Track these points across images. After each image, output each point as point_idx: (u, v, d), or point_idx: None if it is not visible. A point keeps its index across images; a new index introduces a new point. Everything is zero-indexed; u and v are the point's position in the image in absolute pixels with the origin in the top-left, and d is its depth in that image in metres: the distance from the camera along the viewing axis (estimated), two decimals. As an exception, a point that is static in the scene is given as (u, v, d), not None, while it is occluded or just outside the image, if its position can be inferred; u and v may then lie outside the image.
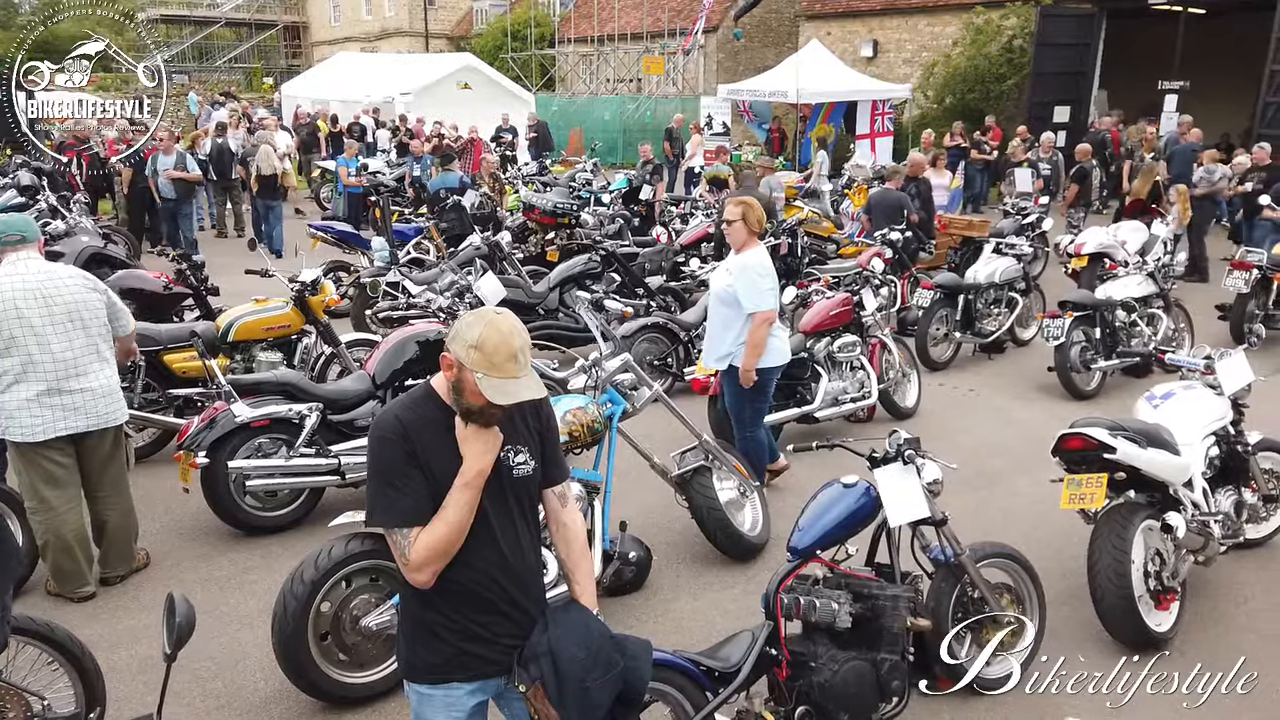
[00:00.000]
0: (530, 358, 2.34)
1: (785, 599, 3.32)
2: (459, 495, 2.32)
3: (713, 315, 5.49)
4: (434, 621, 2.43)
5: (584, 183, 13.87)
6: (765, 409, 5.67)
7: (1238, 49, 17.63)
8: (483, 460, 2.34)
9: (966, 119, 18.26)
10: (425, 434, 2.35)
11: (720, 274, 5.44)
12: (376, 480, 2.36)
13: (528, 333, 2.39)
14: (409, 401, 2.45)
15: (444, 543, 2.31)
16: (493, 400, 2.27)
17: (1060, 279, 10.66)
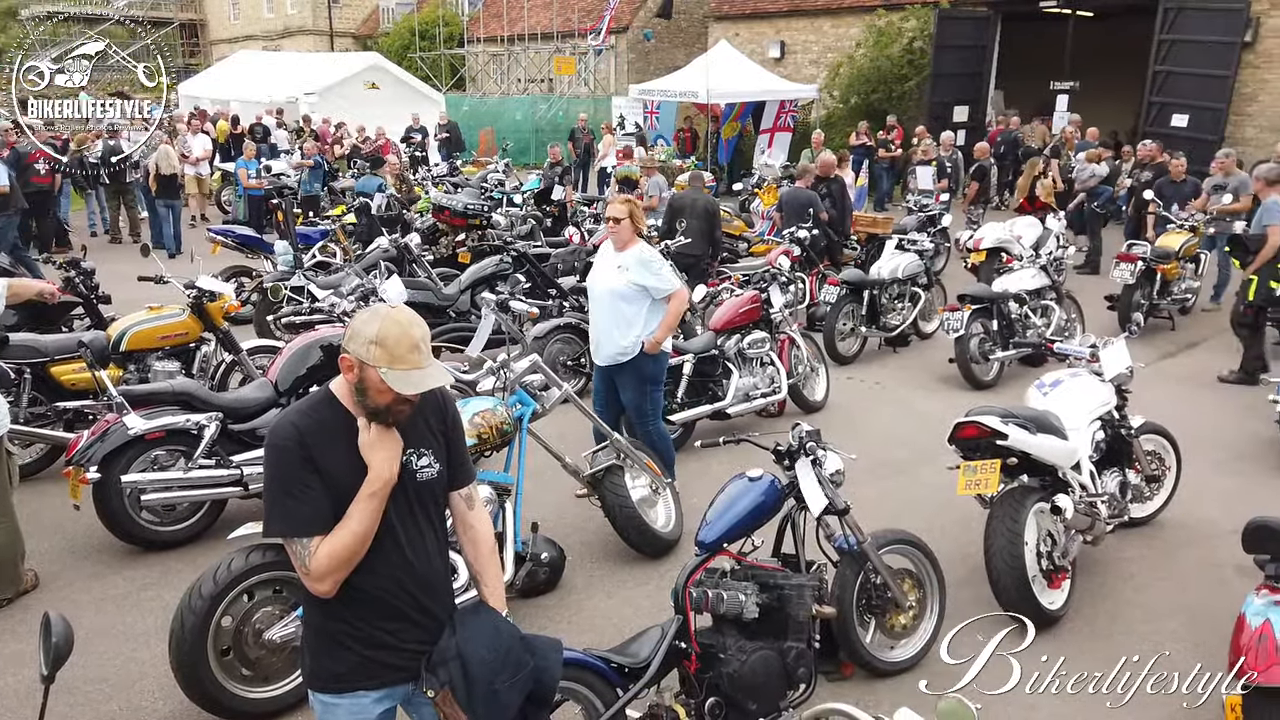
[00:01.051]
0: (430, 348, 2.32)
1: (694, 593, 3.36)
2: (365, 505, 2.28)
3: (606, 315, 5.39)
4: (337, 630, 2.39)
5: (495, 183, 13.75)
6: (662, 399, 5.76)
7: (1124, 51, 18.49)
8: (389, 468, 2.31)
9: (871, 119, 18.72)
10: (323, 440, 2.31)
11: (609, 274, 5.38)
12: (273, 489, 2.31)
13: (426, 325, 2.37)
14: (306, 407, 2.40)
15: (347, 552, 2.27)
16: (401, 392, 2.24)
17: (961, 273, 11.02)
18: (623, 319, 5.30)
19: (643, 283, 5.26)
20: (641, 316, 5.31)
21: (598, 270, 5.54)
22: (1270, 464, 6.32)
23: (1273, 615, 3.05)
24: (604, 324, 5.41)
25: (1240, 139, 15.86)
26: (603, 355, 5.45)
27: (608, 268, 5.42)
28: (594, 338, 5.57)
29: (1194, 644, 4.17)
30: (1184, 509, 5.48)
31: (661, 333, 5.38)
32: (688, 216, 9.39)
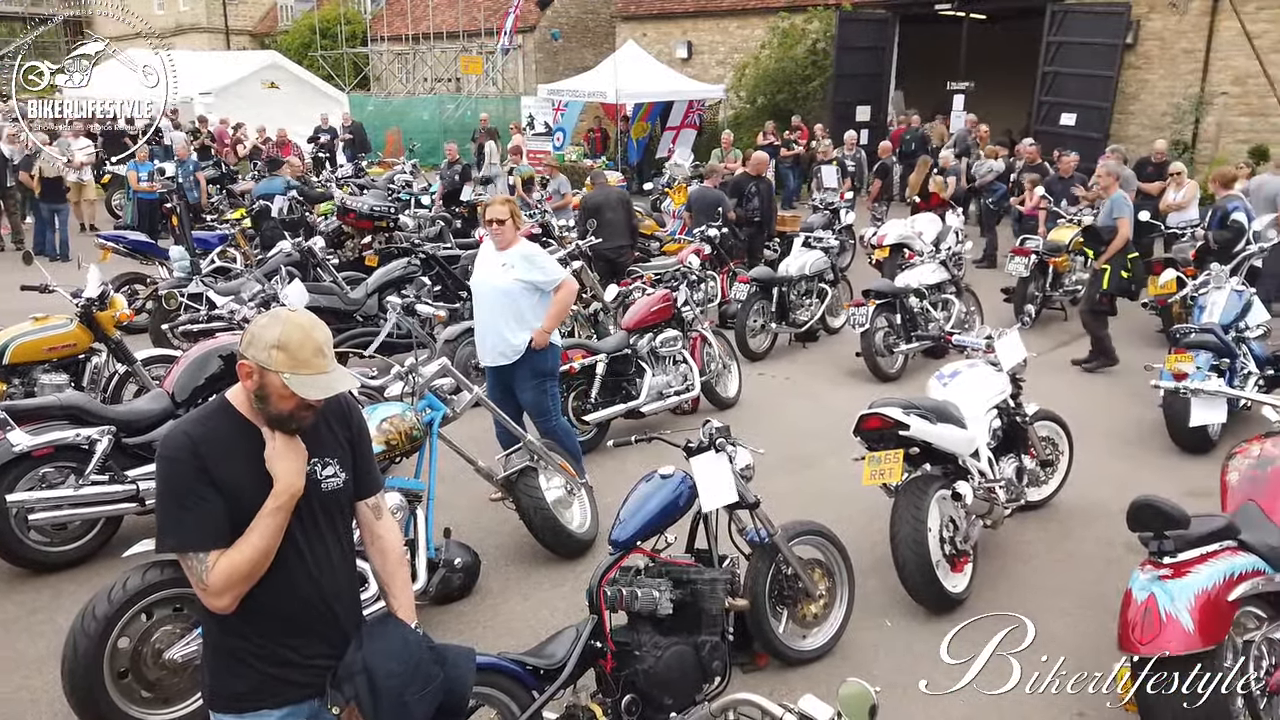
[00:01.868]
0: (334, 352, 2.28)
1: (608, 591, 3.37)
2: (268, 519, 2.21)
3: (496, 314, 5.33)
4: (237, 647, 2.32)
5: (403, 184, 13.54)
6: (559, 394, 5.78)
7: (1016, 52, 19.20)
8: (295, 480, 2.25)
9: (777, 119, 19.03)
10: (219, 450, 2.23)
11: (494, 273, 5.32)
12: (166, 502, 2.23)
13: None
14: (200, 416, 2.33)
15: (247, 567, 2.20)
16: (307, 397, 2.19)
17: (866, 269, 11.29)
18: (514, 317, 5.26)
19: (530, 278, 5.25)
20: (533, 312, 5.31)
21: (481, 271, 5.47)
22: (1155, 446, 6.66)
23: (1156, 589, 3.21)
24: (494, 323, 5.34)
25: (1124, 136, 16.64)
26: (493, 355, 5.39)
27: (492, 267, 5.37)
28: (481, 339, 5.51)
29: (1088, 621, 4.37)
30: (1077, 491, 5.72)
31: (550, 323, 5.39)
32: (605, 211, 9.53)
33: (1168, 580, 3.21)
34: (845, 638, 4.28)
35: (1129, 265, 8.23)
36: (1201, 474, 5.87)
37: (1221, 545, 3.32)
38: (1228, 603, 3.18)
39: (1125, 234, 8.15)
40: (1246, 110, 16.09)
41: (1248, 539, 3.37)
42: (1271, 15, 15.62)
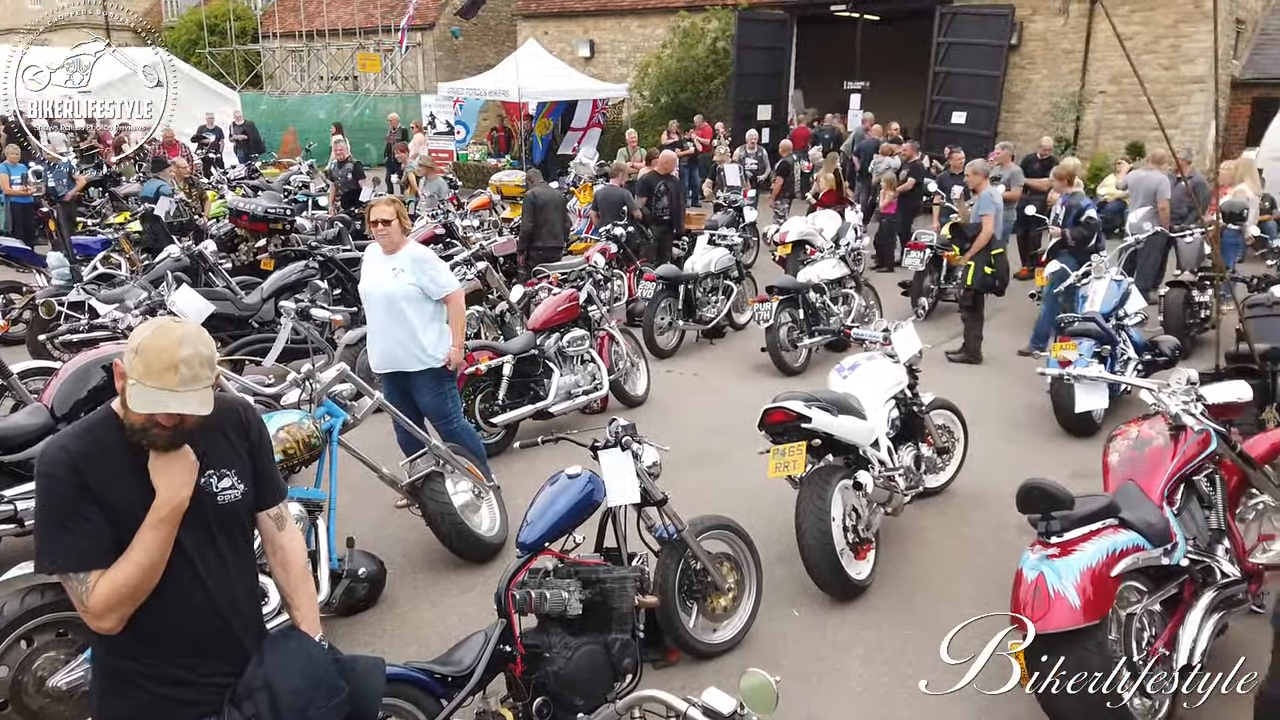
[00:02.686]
0: (207, 375, 2.15)
1: (517, 595, 3.34)
2: (150, 534, 2.12)
3: (391, 321, 5.15)
4: (126, 668, 2.22)
5: (299, 185, 13.17)
6: (459, 396, 5.67)
7: (909, 52, 19.79)
8: (178, 493, 2.16)
9: (681, 118, 19.17)
10: (100, 464, 2.13)
11: (384, 278, 5.15)
12: (43, 520, 2.12)
13: (211, 348, 2.21)
14: (80, 429, 2.21)
15: (130, 586, 2.10)
16: (131, 406, 2.09)
17: (770, 266, 11.48)
18: (410, 322, 5.12)
19: (421, 283, 5.12)
20: (429, 315, 5.19)
21: (371, 276, 5.28)
22: (1044, 431, 6.95)
23: (1045, 568, 3.35)
24: (389, 330, 5.16)
25: (1011, 134, 17.33)
26: (389, 363, 5.23)
27: (381, 271, 5.19)
28: (373, 346, 5.33)
29: (985, 601, 4.52)
30: (972, 476, 5.94)
31: (457, 339, 5.29)
32: (550, 211, 9.64)
33: (1055, 559, 3.35)
34: (755, 628, 4.34)
35: (993, 261, 8.56)
36: (1087, 456, 6.15)
37: (1104, 524, 3.48)
38: (1110, 578, 3.34)
39: (989, 231, 8.49)
40: (1123, 108, 16.96)
41: (1128, 517, 3.55)
42: (1143, 18, 16.50)
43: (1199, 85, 15.94)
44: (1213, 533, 3.98)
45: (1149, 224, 9.68)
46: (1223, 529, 4.02)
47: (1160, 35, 16.46)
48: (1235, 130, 17.42)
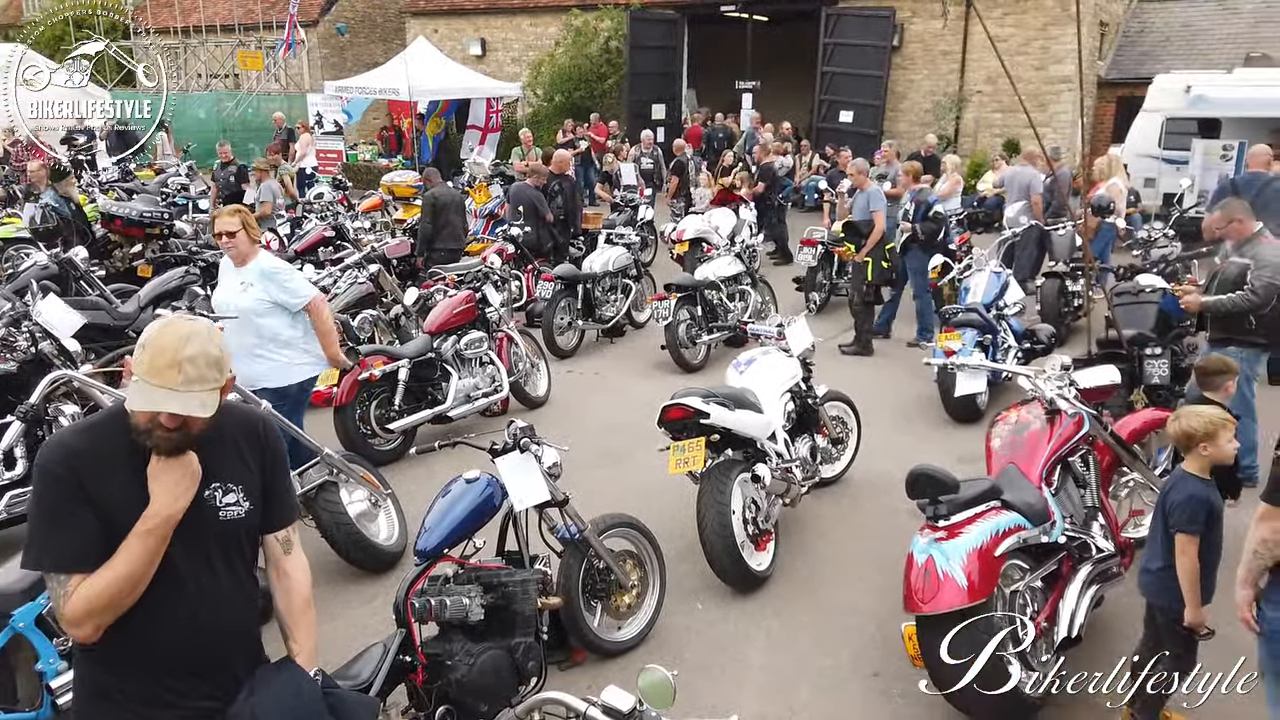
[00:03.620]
0: (214, 376, 2.04)
1: (416, 603, 3.28)
2: (135, 543, 2.00)
3: (247, 336, 4.93)
4: (106, 683, 2.10)
5: (179, 188, 12.63)
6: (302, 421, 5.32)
7: (797, 52, 20.22)
8: (172, 504, 2.03)
9: (576, 116, 19.15)
10: (100, 464, 2.03)
11: (234, 293, 4.95)
12: (36, 515, 2.03)
13: (221, 349, 2.08)
14: (87, 425, 2.13)
15: (107, 596, 1.99)
16: (130, 404, 1.99)
17: (669, 264, 11.58)
18: (268, 337, 4.94)
19: (272, 297, 4.93)
20: (288, 329, 5.00)
21: (223, 290, 5.07)
22: (932, 419, 7.21)
23: (934, 551, 3.48)
24: (246, 346, 4.92)
25: (896, 132, 17.92)
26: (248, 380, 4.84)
27: (232, 286, 4.98)
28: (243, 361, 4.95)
29: (882, 586, 4.67)
30: (865, 466, 6.11)
31: (331, 349, 5.13)
32: (450, 212, 9.58)
33: (943, 542, 3.48)
34: (659, 624, 4.37)
35: (887, 256, 8.85)
36: (972, 441, 6.38)
37: (987, 506, 3.64)
38: (995, 558, 3.49)
39: (880, 227, 8.77)
40: (999, 107, 17.72)
41: (1009, 498, 3.72)
42: (1015, 20, 17.28)
43: (1067, 85, 16.78)
44: (1088, 510, 4.21)
45: (1025, 218, 10.14)
46: (1097, 506, 4.25)
47: (1031, 37, 17.28)
48: (1102, 128, 18.42)
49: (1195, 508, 3.27)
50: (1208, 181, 12.42)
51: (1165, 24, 19.29)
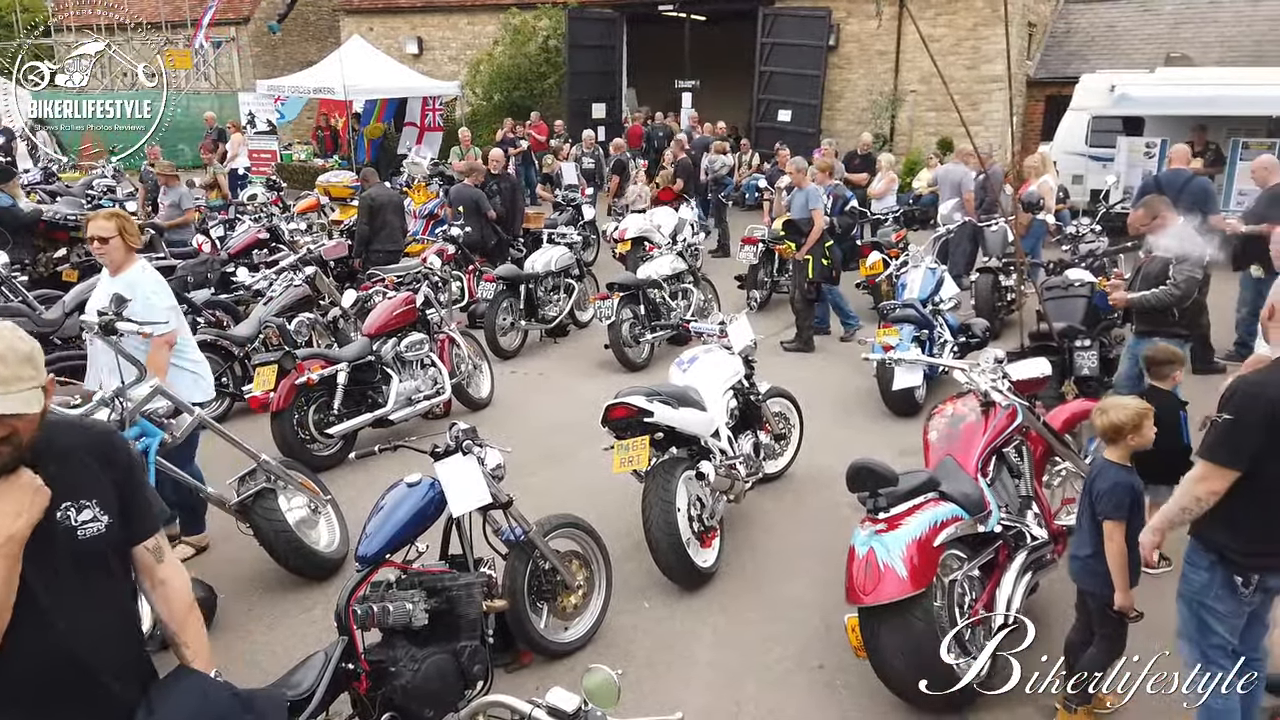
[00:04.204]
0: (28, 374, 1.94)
1: (358, 610, 3.24)
2: None
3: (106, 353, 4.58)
4: None
5: (105, 190, 12.25)
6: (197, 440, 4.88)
7: (736, 52, 20.36)
8: (12, 522, 1.92)
9: (516, 115, 19.03)
10: None
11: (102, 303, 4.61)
12: None
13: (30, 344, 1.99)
14: None
15: None
16: None
17: (612, 263, 11.57)
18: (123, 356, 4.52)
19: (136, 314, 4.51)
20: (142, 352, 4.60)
21: (94, 301, 4.72)
22: (871, 413, 7.31)
23: (874, 543, 3.53)
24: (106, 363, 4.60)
25: (833, 131, 18.15)
26: None
27: (103, 296, 4.64)
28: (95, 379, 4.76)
29: (825, 580, 4.73)
30: (808, 461, 6.18)
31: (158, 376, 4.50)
32: (387, 212, 9.46)
33: (883, 534, 3.54)
34: (606, 623, 4.37)
35: (827, 253, 8.97)
36: (911, 434, 6.49)
37: (925, 497, 3.71)
38: (934, 548, 3.56)
39: (820, 224, 8.89)
40: (933, 106, 18.06)
41: (947, 489, 3.79)
42: (946, 21, 17.63)
43: (998, 84, 17.17)
44: (1022, 499, 4.32)
45: (958, 215, 10.36)
46: (1031, 495, 4.36)
47: (962, 38, 17.64)
48: (1032, 126, 18.87)
49: (1120, 495, 3.38)
50: (1132, 178, 12.84)
51: (1090, 25, 19.85)
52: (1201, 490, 3.02)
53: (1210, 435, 3.06)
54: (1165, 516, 3.17)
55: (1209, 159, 13.00)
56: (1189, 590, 3.18)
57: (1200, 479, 3.04)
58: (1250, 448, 2.93)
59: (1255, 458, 2.94)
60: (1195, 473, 3.07)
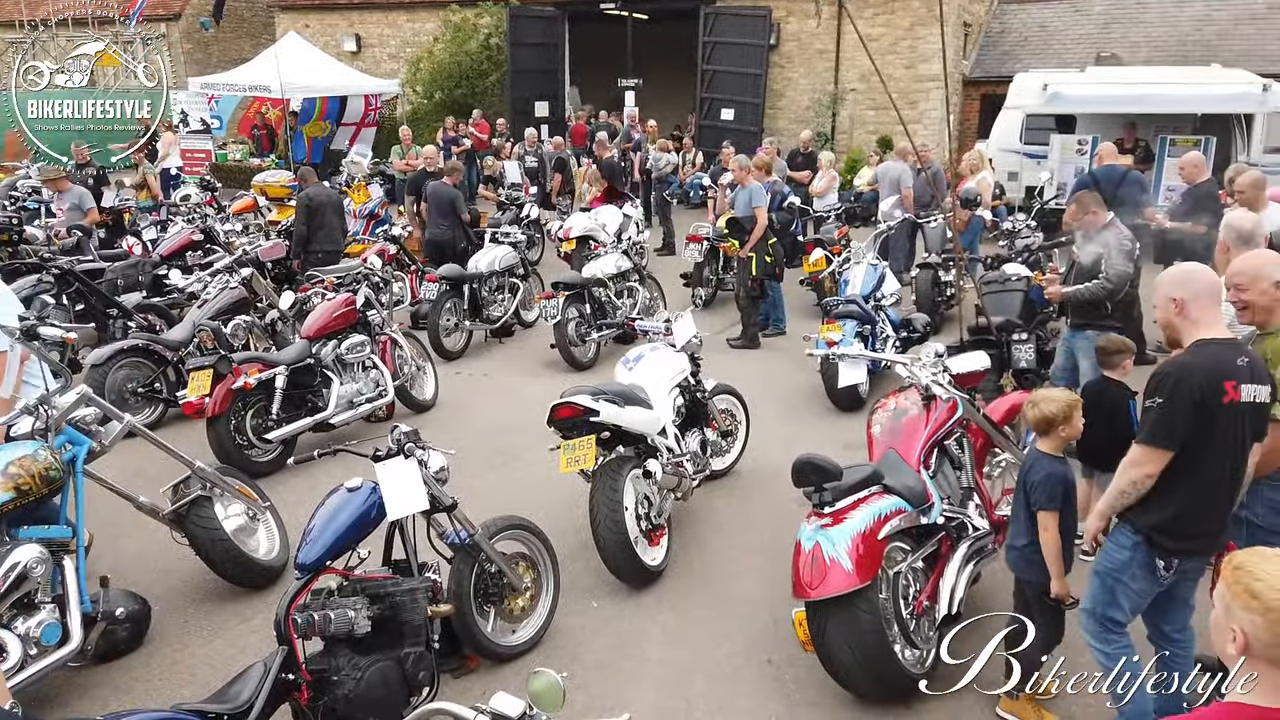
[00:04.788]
0: None
1: (298, 619, 3.16)
2: None
3: None
4: None
5: (29, 191, 11.83)
6: None
7: (679, 50, 20.39)
8: None
9: (458, 114, 18.82)
10: None
11: None
12: None
13: None
14: None
15: None
16: None
17: (557, 262, 11.50)
18: None
19: None
20: None
21: None
22: (816, 408, 7.37)
23: (820, 538, 3.55)
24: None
25: (776, 129, 18.29)
26: None
27: None
28: None
29: (773, 575, 4.74)
30: (755, 457, 6.21)
31: None
32: (326, 212, 9.29)
33: (829, 528, 3.56)
34: (555, 624, 4.33)
35: (770, 250, 9.04)
36: (856, 429, 6.55)
37: (869, 491, 3.74)
38: (878, 541, 3.59)
39: (763, 222, 8.95)
40: (872, 104, 18.29)
41: (890, 482, 3.83)
42: (884, 20, 17.87)
43: (935, 83, 17.46)
44: (964, 491, 4.38)
45: (898, 211, 10.50)
46: (972, 487, 4.43)
47: (900, 37, 17.90)
48: (969, 124, 19.24)
49: (1053, 485, 3.44)
50: (1065, 174, 13.16)
51: (1023, 25, 20.30)
52: (1138, 474, 3.10)
53: (1143, 420, 3.13)
54: (1107, 502, 3.24)
55: (1139, 156, 13.39)
56: (1107, 566, 3.26)
57: (1135, 463, 3.11)
58: (1181, 430, 3.01)
59: (1185, 442, 3.02)
60: (1130, 457, 3.14)
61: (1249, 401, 3.04)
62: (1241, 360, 3.07)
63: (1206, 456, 3.05)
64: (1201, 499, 3.11)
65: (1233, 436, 3.07)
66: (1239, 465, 3.15)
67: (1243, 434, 3.09)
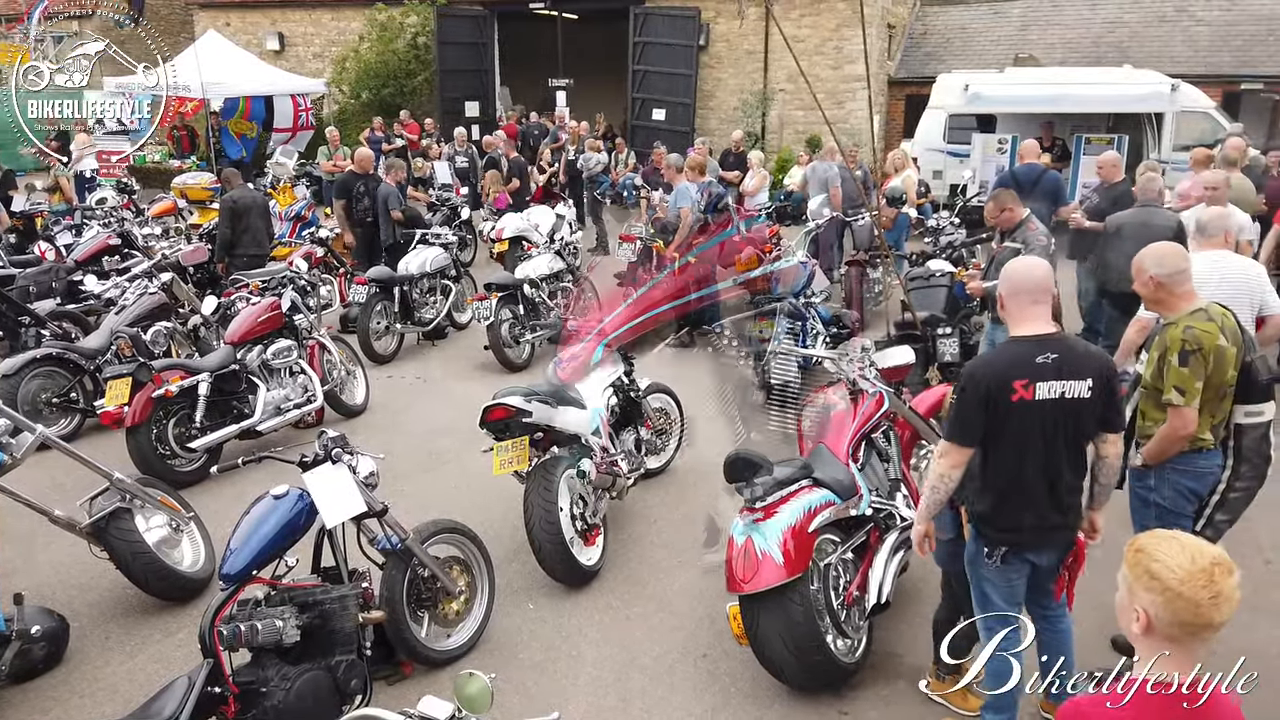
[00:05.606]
0: None
1: (224, 630, 3.10)
2: None
3: None
4: None
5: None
6: None
7: (610, 51, 20.40)
8: None
9: (387, 114, 18.55)
10: None
11: None
12: None
13: None
14: None
15: None
16: None
17: (490, 263, 11.42)
18: None
19: None
20: None
21: None
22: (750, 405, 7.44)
23: (752, 533, 3.60)
24: None
25: (706, 130, 18.41)
26: None
27: None
28: None
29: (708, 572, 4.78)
30: (690, 455, 6.25)
31: None
32: (252, 215, 9.10)
33: (760, 522, 3.61)
34: (491, 627, 4.31)
35: None
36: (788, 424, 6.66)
37: (799, 485, 3.80)
38: (809, 534, 3.65)
39: (688, 222, 9.02)
40: (801, 105, 18.53)
41: (820, 476, 3.89)
42: (811, 22, 18.12)
43: (861, 84, 17.76)
44: (891, 482, 4.47)
45: (826, 210, 10.67)
46: (899, 478, 4.52)
47: (826, 38, 18.17)
48: (894, 124, 19.63)
49: (973, 481, 3.53)
50: (987, 172, 13.51)
51: (945, 26, 20.79)
52: (943, 466, 3.17)
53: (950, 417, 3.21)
54: (926, 503, 3.27)
55: (1056, 154, 13.81)
56: (966, 557, 3.34)
57: (940, 455, 3.20)
58: (975, 425, 3.07)
59: (983, 440, 3.08)
60: (937, 450, 3.24)
61: (1050, 398, 2.99)
62: (1045, 358, 3.00)
63: (1006, 453, 3.08)
64: (1013, 494, 3.12)
65: (1036, 434, 3.03)
66: (1057, 462, 3.09)
67: (1051, 431, 3.04)
